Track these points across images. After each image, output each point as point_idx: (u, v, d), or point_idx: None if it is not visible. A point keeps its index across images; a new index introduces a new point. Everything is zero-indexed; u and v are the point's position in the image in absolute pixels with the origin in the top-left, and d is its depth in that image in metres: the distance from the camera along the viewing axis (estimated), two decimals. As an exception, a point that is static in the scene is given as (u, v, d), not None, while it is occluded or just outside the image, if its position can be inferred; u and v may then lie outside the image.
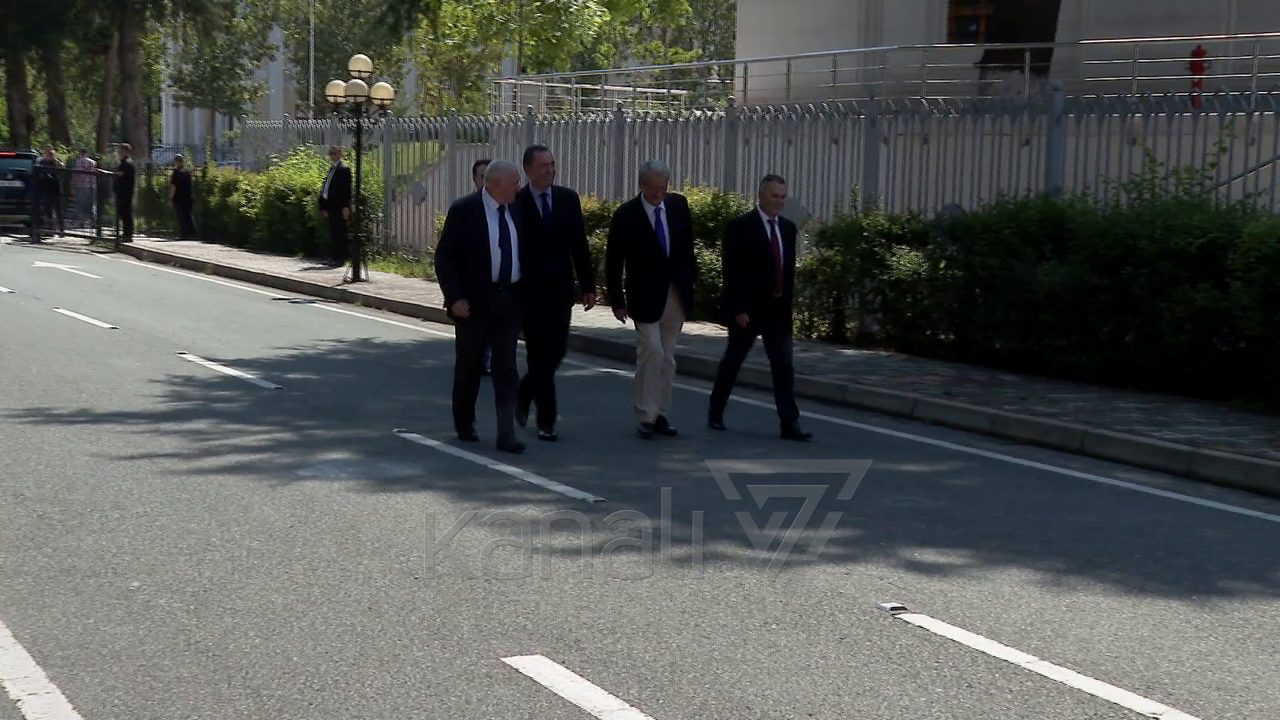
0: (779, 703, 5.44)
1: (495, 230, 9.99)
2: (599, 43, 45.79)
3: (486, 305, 10.04)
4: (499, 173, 10.13)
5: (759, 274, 10.90)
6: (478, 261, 9.97)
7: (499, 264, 9.99)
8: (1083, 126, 14.83)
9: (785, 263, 10.99)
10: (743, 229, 11.07)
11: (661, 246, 10.76)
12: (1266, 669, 5.93)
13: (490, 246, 9.96)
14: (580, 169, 22.07)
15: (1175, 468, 10.04)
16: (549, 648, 6.01)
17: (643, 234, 10.76)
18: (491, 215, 10.02)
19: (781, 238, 11.01)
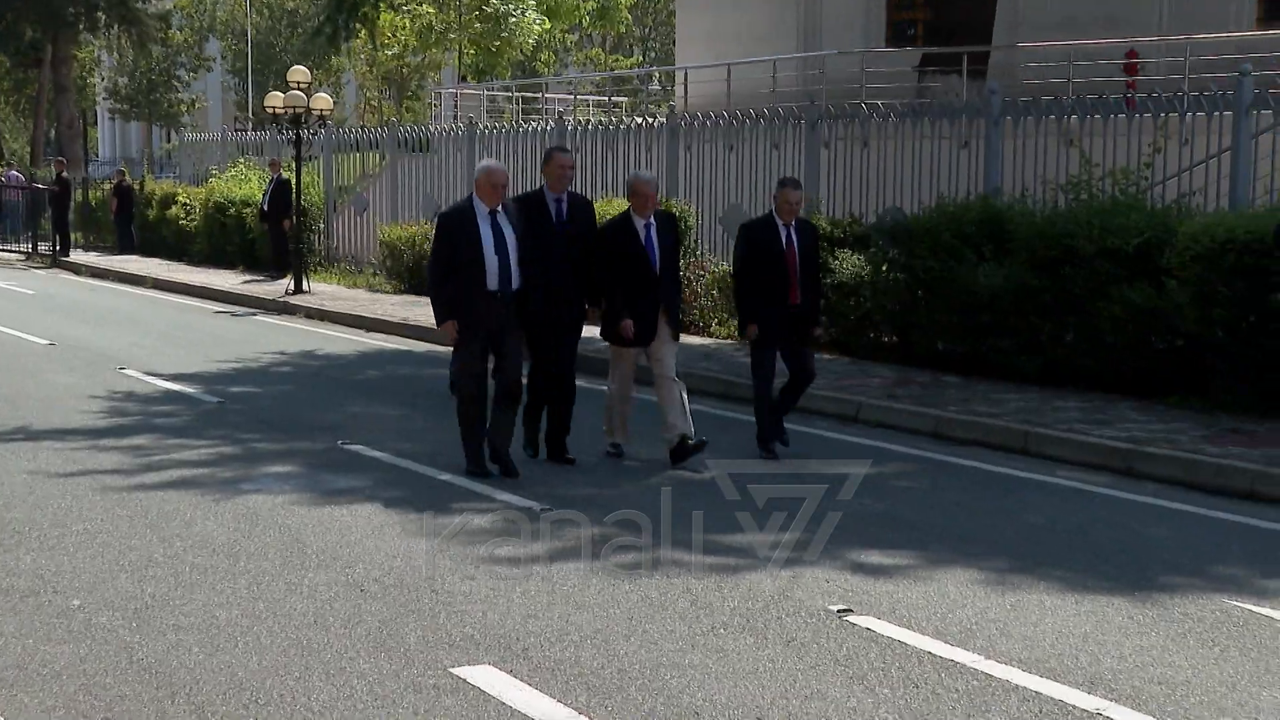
0: (727, 707, 5.45)
1: (489, 237, 9.35)
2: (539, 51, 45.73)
3: (484, 317, 9.39)
4: (483, 174, 9.48)
5: (773, 283, 10.22)
6: (473, 271, 9.31)
7: (497, 272, 9.34)
8: (1020, 128, 14.96)
9: (804, 270, 10.34)
10: (755, 233, 10.44)
11: (652, 264, 10.01)
12: (1206, 662, 6.00)
13: (485, 254, 9.32)
14: (522, 178, 22.02)
15: (1116, 465, 10.14)
16: (497, 657, 5.99)
17: (631, 249, 10.01)
18: (483, 221, 9.39)
19: (799, 243, 10.33)
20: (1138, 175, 13.49)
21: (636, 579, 7.18)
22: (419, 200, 24.04)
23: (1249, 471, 9.46)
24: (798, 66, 24.75)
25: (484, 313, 9.38)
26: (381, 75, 46.32)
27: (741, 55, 25.38)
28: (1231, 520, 8.70)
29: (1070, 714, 5.39)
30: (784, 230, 10.30)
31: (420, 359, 16.35)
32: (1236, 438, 10.42)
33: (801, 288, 10.31)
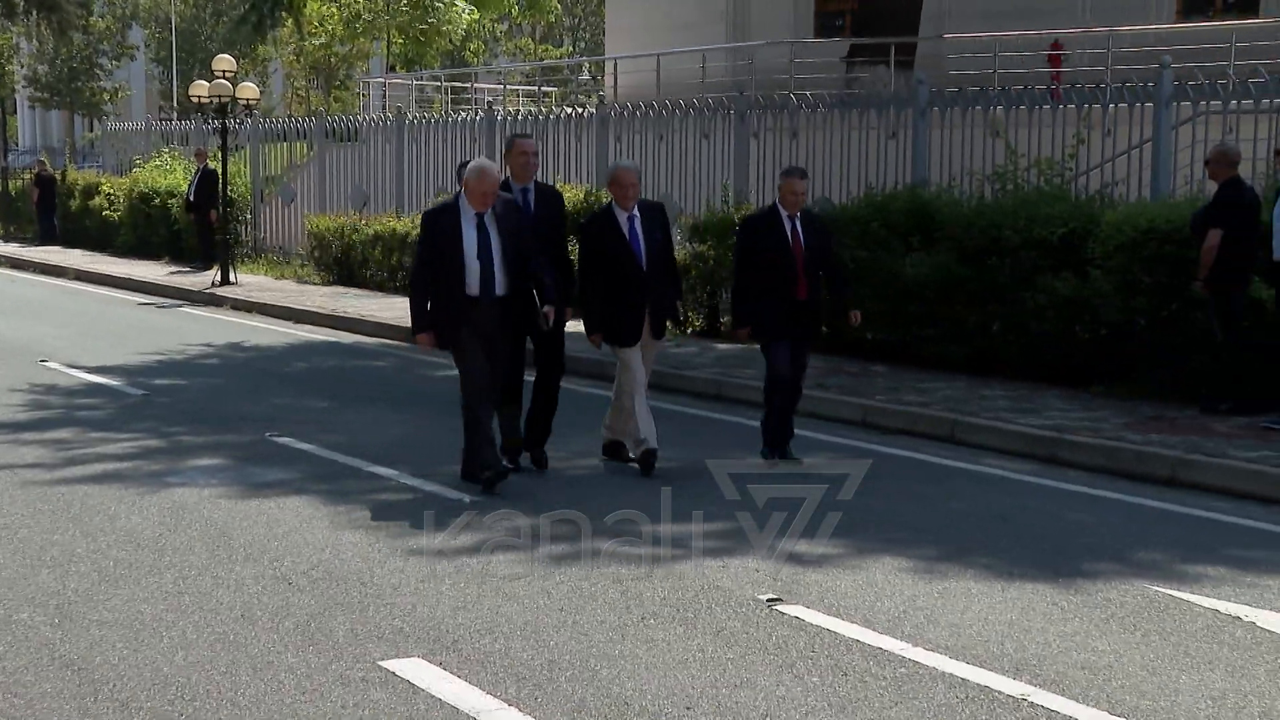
0: (657, 697, 5.46)
1: (473, 240, 8.78)
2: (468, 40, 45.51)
3: (468, 320, 8.82)
4: (474, 177, 8.82)
5: (778, 277, 9.58)
6: (452, 276, 8.79)
7: (478, 278, 8.79)
8: (947, 119, 15.07)
9: (810, 263, 9.64)
10: (757, 226, 9.80)
11: (637, 259, 9.40)
12: (1128, 647, 6.09)
13: (466, 258, 8.77)
14: (452, 168, 21.91)
15: (1041, 453, 10.26)
16: (426, 649, 5.96)
17: (615, 245, 9.39)
18: (468, 223, 8.81)
19: (805, 235, 9.65)
20: (1062, 166, 13.65)
21: (567, 570, 7.18)
22: (347, 191, 23.87)
23: (1169, 458, 9.60)
24: (727, 57, 24.81)
25: (464, 319, 8.83)
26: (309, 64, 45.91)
27: (670, 45, 25.40)
28: (1153, 506, 8.83)
29: (996, 700, 5.45)
30: (789, 222, 9.65)
31: (349, 350, 16.25)
32: (1158, 425, 10.57)
33: (810, 283, 9.64)
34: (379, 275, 21.39)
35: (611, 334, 9.50)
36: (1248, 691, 5.56)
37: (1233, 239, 10.55)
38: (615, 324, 9.47)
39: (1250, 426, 10.37)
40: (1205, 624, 6.40)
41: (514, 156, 9.56)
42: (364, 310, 18.68)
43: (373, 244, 21.43)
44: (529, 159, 9.58)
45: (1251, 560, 7.52)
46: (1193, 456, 9.55)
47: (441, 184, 21.80)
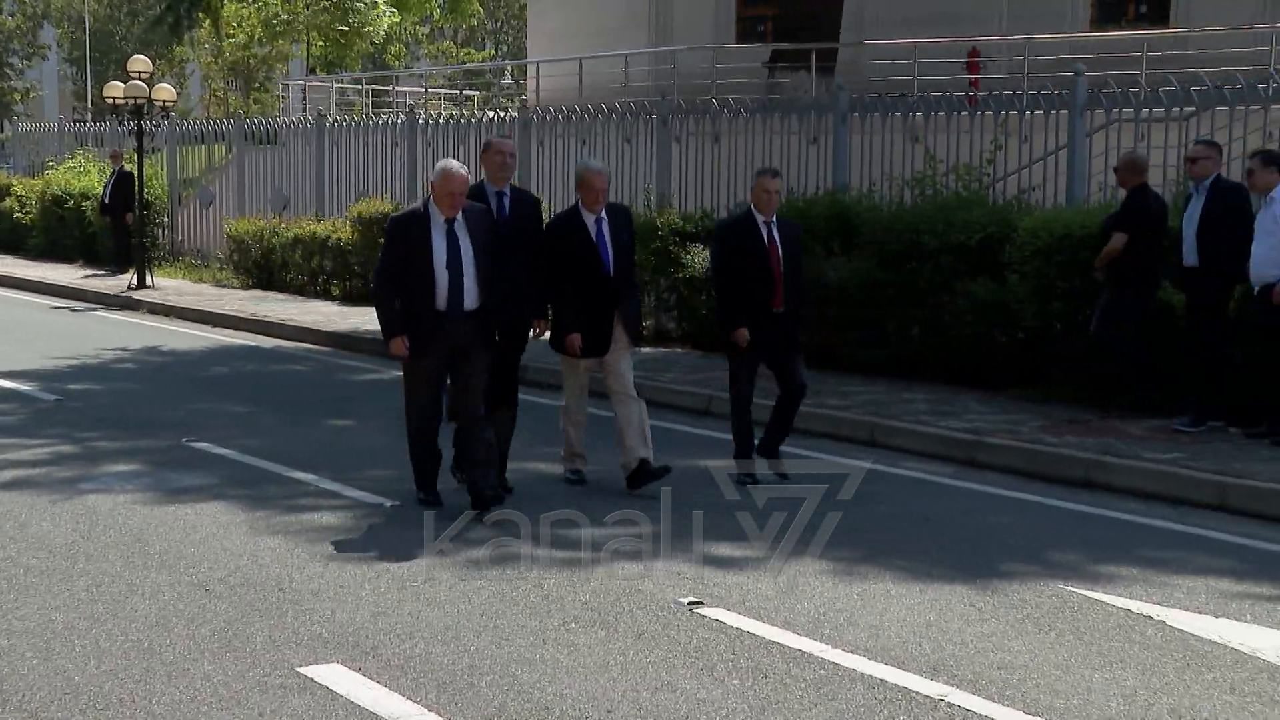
0: (577, 702, 5.46)
1: (442, 249, 8.22)
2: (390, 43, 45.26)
3: (432, 336, 8.29)
4: (439, 179, 8.27)
5: (755, 285, 9.18)
6: (421, 286, 8.23)
7: (446, 289, 8.23)
8: (867, 125, 15.20)
9: (788, 271, 9.28)
10: (733, 232, 9.38)
11: (605, 264, 8.97)
12: (1043, 647, 6.16)
13: (435, 269, 8.21)
14: (372, 171, 21.81)
15: (959, 456, 10.37)
16: (345, 655, 5.92)
17: (582, 248, 8.95)
18: (438, 230, 8.24)
19: (781, 241, 9.27)
20: (980, 172, 13.80)
21: (488, 575, 7.16)
22: (267, 194, 23.66)
23: (1084, 460, 9.74)
24: (649, 61, 24.85)
25: (431, 332, 8.28)
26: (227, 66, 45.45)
27: (592, 50, 25.41)
28: (1068, 508, 8.95)
29: (914, 700, 5.50)
30: (765, 228, 9.24)
31: (269, 354, 16.10)
32: (1073, 428, 10.71)
33: (789, 292, 9.27)
34: (299, 279, 21.22)
35: (568, 344, 9.04)
36: (1158, 689, 5.65)
37: (1139, 245, 10.73)
38: (582, 334, 8.99)
39: (1162, 429, 10.54)
40: (1118, 623, 6.50)
41: (490, 157, 9.05)
42: (284, 314, 18.51)
43: (293, 247, 21.25)
44: (506, 159, 9.03)
45: (1162, 560, 7.64)
46: (1106, 459, 9.69)
47: (363, 187, 21.68)
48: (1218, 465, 9.36)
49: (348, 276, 20.40)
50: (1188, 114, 12.93)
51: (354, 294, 20.25)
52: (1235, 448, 9.91)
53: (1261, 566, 7.57)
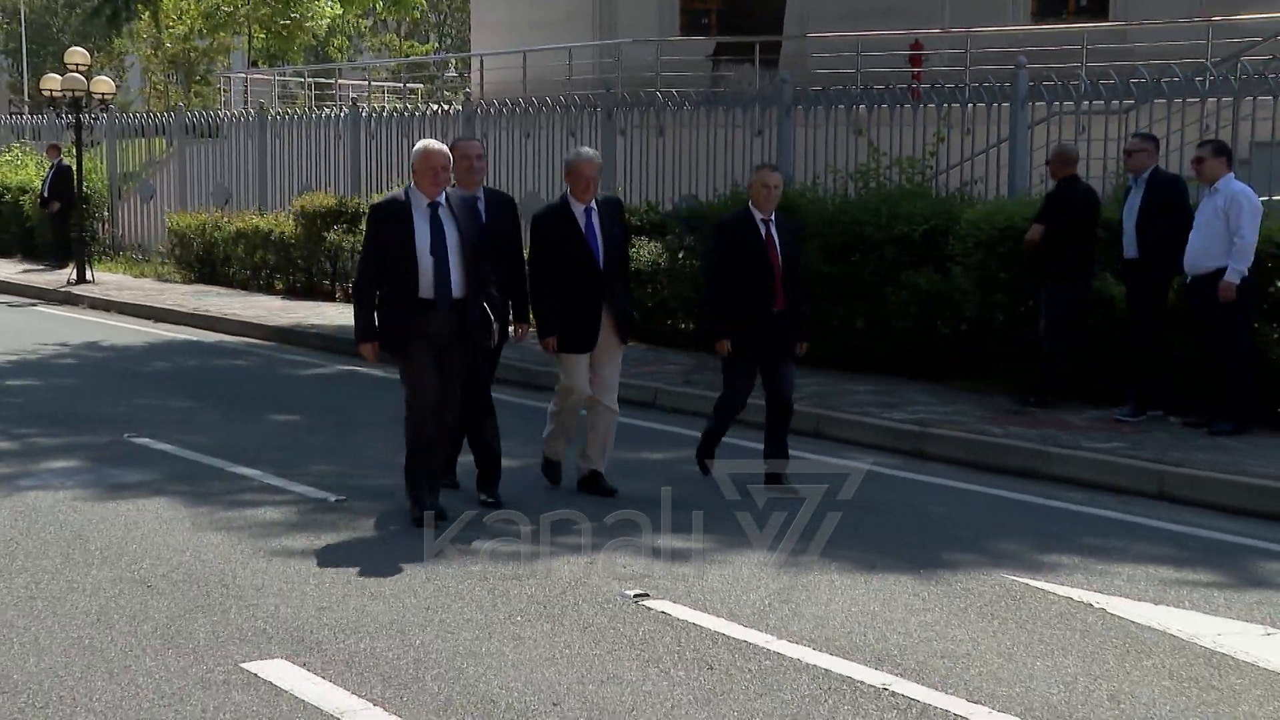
0: (523, 694, 5.45)
1: (425, 233, 7.77)
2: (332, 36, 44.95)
3: (414, 328, 7.79)
4: (419, 157, 7.85)
5: (754, 286, 8.77)
6: (403, 276, 7.76)
7: (431, 276, 7.76)
8: (811, 118, 15.25)
9: (788, 271, 8.86)
10: (731, 230, 8.92)
11: (594, 257, 8.54)
12: (986, 635, 6.21)
13: (419, 255, 7.75)
14: (316, 165, 21.67)
15: (905, 447, 10.43)
16: (289, 651, 5.89)
17: (571, 242, 8.52)
18: (420, 214, 7.80)
19: (780, 240, 8.83)
20: (923, 164, 13.88)
21: (434, 568, 7.14)
22: (209, 187, 23.47)
23: (1027, 450, 9.82)
24: (593, 54, 24.83)
25: (422, 324, 7.81)
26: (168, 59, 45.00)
27: (536, 43, 25.36)
28: (1011, 497, 9.02)
29: (858, 690, 5.53)
30: (763, 225, 8.82)
31: (212, 349, 15.97)
32: (1016, 418, 10.80)
33: (789, 293, 8.85)
34: (242, 273, 21.08)
35: (563, 339, 8.63)
36: (1098, 675, 5.71)
37: (1067, 236, 10.86)
38: (568, 329, 8.61)
39: (1104, 419, 10.65)
40: (1059, 611, 6.56)
41: (456, 161, 8.31)
42: (227, 309, 18.37)
43: (235, 241, 21.09)
44: (473, 163, 8.55)
45: (1103, 549, 7.72)
46: (1049, 449, 9.78)
47: (306, 181, 21.54)
48: (1157, 454, 9.47)
49: (291, 271, 20.28)
50: (1127, 107, 13.07)
51: (298, 288, 20.14)
52: (1174, 437, 10.03)
53: (1199, 554, 7.67)
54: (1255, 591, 6.94)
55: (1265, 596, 6.84)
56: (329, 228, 19.43)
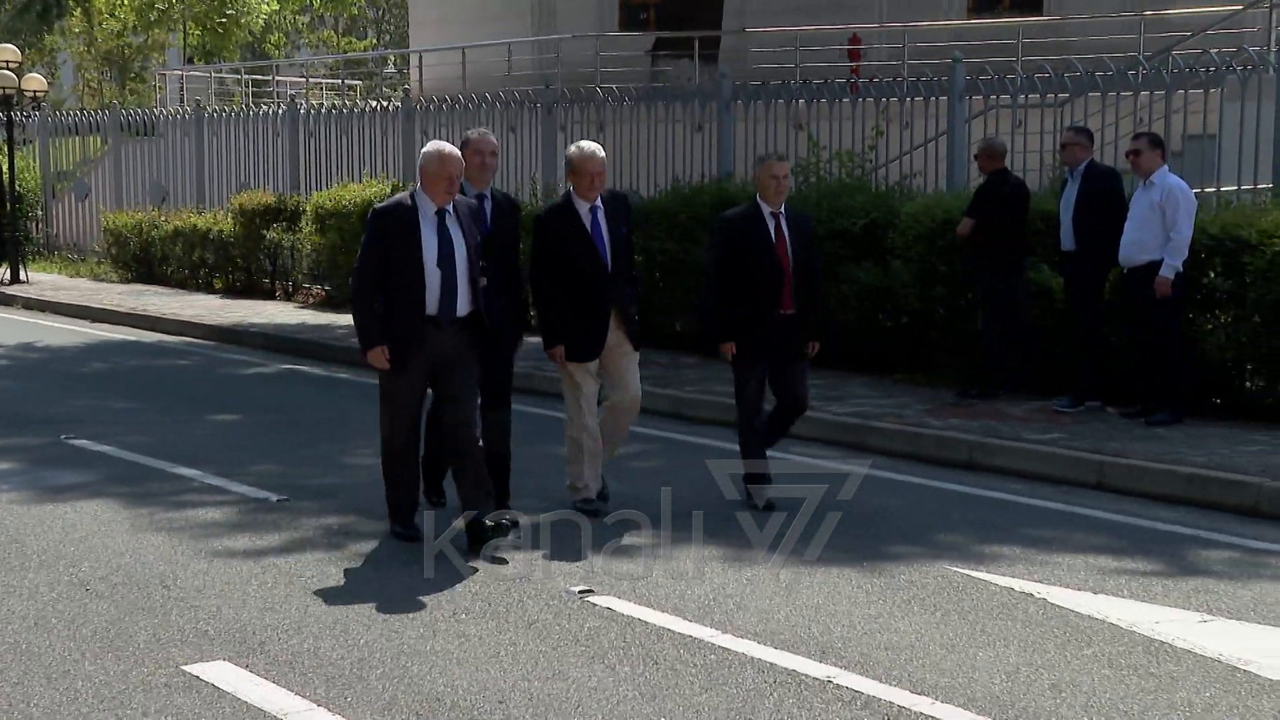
0: (469, 692, 5.44)
1: (433, 244, 7.25)
2: (269, 32, 44.60)
3: (418, 344, 7.31)
4: (433, 160, 7.26)
5: (761, 284, 8.21)
6: (407, 288, 7.25)
7: (438, 290, 7.27)
8: (751, 112, 15.29)
9: (798, 268, 8.29)
10: (735, 227, 8.31)
11: (601, 257, 8.03)
12: (929, 627, 6.26)
13: (426, 267, 7.25)
14: (254, 162, 21.51)
15: (848, 440, 10.48)
16: (232, 652, 5.84)
17: (575, 241, 8.02)
18: (427, 222, 7.27)
19: (791, 236, 8.28)
20: (862, 158, 13.96)
21: (377, 567, 7.11)
22: (145, 186, 23.24)
23: (967, 442, 9.90)
24: (532, 50, 24.79)
25: (423, 341, 7.31)
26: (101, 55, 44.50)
27: (476, 38, 25.28)
28: (952, 489, 9.09)
29: (803, 683, 5.55)
30: (772, 220, 8.27)
31: (151, 349, 15.82)
32: (956, 410, 10.88)
33: (795, 291, 8.34)
34: (180, 272, 20.89)
35: (568, 347, 8.12)
36: (1039, 665, 5.77)
37: (997, 229, 10.98)
38: (573, 336, 8.10)
39: (1042, 410, 10.74)
40: (1001, 602, 6.62)
41: (469, 156, 7.79)
42: (166, 308, 18.20)
43: (173, 240, 20.90)
44: (485, 159, 7.95)
45: (1044, 539, 7.79)
46: (989, 440, 9.86)
47: (244, 179, 21.38)
48: (1095, 444, 9.57)
49: (230, 269, 20.12)
50: (1062, 100, 13.19)
51: (237, 287, 19.98)
52: (1112, 427, 10.14)
53: (1137, 543, 7.76)
54: (1192, 579, 7.03)
55: (1201, 584, 6.94)
56: (268, 226, 19.29)
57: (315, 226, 18.13)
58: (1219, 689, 5.50)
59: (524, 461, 8.61)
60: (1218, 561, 7.39)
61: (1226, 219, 10.55)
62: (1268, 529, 8.03)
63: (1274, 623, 6.31)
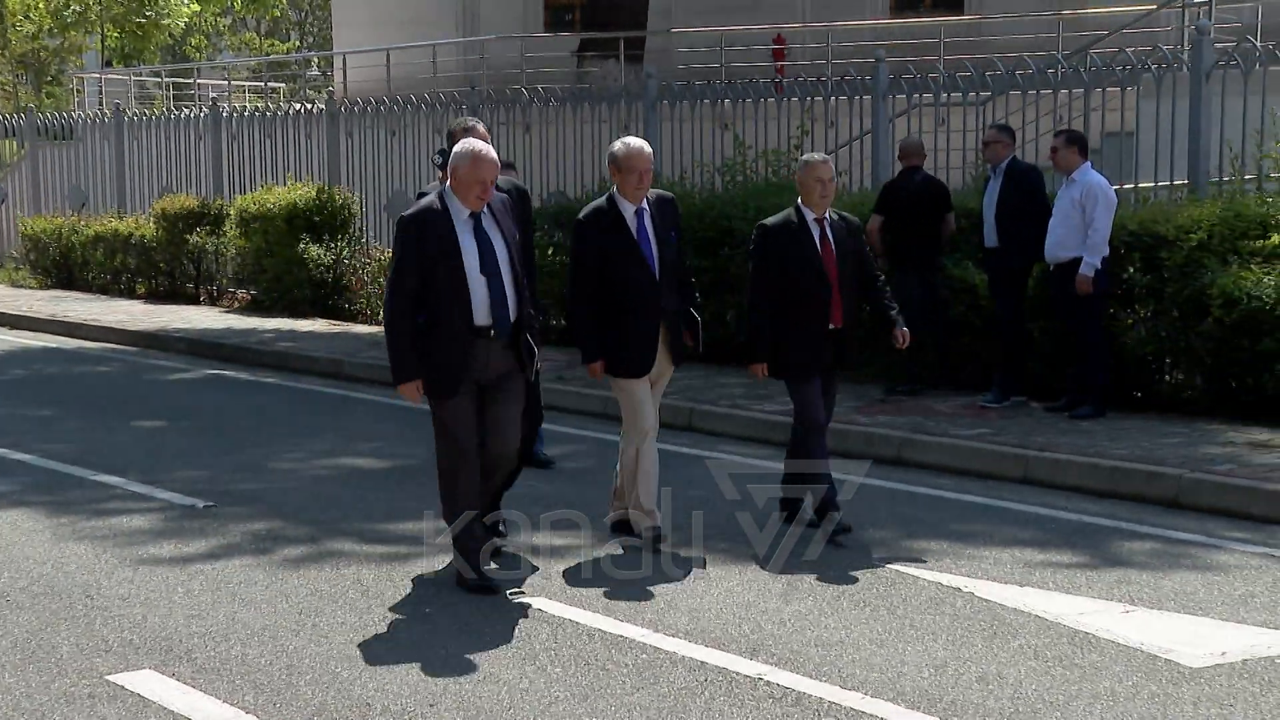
0: (399, 696, 5.41)
1: (473, 249, 6.64)
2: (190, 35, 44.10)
3: (467, 364, 6.64)
4: (466, 162, 6.64)
5: (807, 298, 7.61)
6: (452, 302, 6.60)
7: (486, 299, 6.64)
8: (677, 113, 15.32)
9: (846, 280, 7.69)
10: (778, 234, 7.67)
11: (649, 265, 7.35)
12: (858, 623, 6.30)
13: (469, 276, 6.62)
14: (176, 166, 21.27)
15: (775, 438, 10.49)
16: (157, 661, 5.77)
17: (620, 248, 7.34)
18: (463, 227, 6.66)
19: (837, 243, 7.65)
20: (788, 157, 14.02)
21: (305, 572, 7.05)
22: (64, 191, 22.91)
23: (896, 438, 9.97)
24: (458, 52, 24.68)
25: (472, 358, 6.66)
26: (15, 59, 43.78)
27: (400, 40, 25.13)
28: (879, 485, 9.13)
29: (734, 680, 5.57)
30: (816, 227, 7.64)
31: (72, 355, 15.59)
32: (884, 407, 10.95)
33: (848, 304, 7.73)
34: (102, 278, 20.61)
35: (614, 363, 7.45)
36: (967, 659, 5.82)
37: (903, 226, 11.16)
38: (619, 350, 7.42)
39: (969, 405, 10.84)
40: (929, 597, 6.68)
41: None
42: (87, 314, 17.95)
43: (94, 245, 20.62)
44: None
45: (971, 534, 7.87)
46: (917, 436, 9.94)
47: (166, 182, 21.14)
48: (1020, 439, 9.67)
49: (154, 274, 19.90)
50: (984, 99, 13.31)
51: (160, 292, 19.76)
52: (1037, 422, 10.25)
53: (1062, 535, 7.85)
54: (1115, 570, 7.13)
55: (1124, 575, 7.03)
56: (192, 230, 19.09)
57: (239, 230, 17.97)
58: (1141, 677, 5.58)
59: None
60: (1140, 553, 7.50)
61: (1144, 215, 10.71)
62: (1187, 520, 8.16)
63: (1194, 612, 6.42)
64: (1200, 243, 10.12)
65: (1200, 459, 8.89)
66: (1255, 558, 7.33)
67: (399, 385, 6.75)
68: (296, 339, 15.37)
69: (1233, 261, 9.98)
